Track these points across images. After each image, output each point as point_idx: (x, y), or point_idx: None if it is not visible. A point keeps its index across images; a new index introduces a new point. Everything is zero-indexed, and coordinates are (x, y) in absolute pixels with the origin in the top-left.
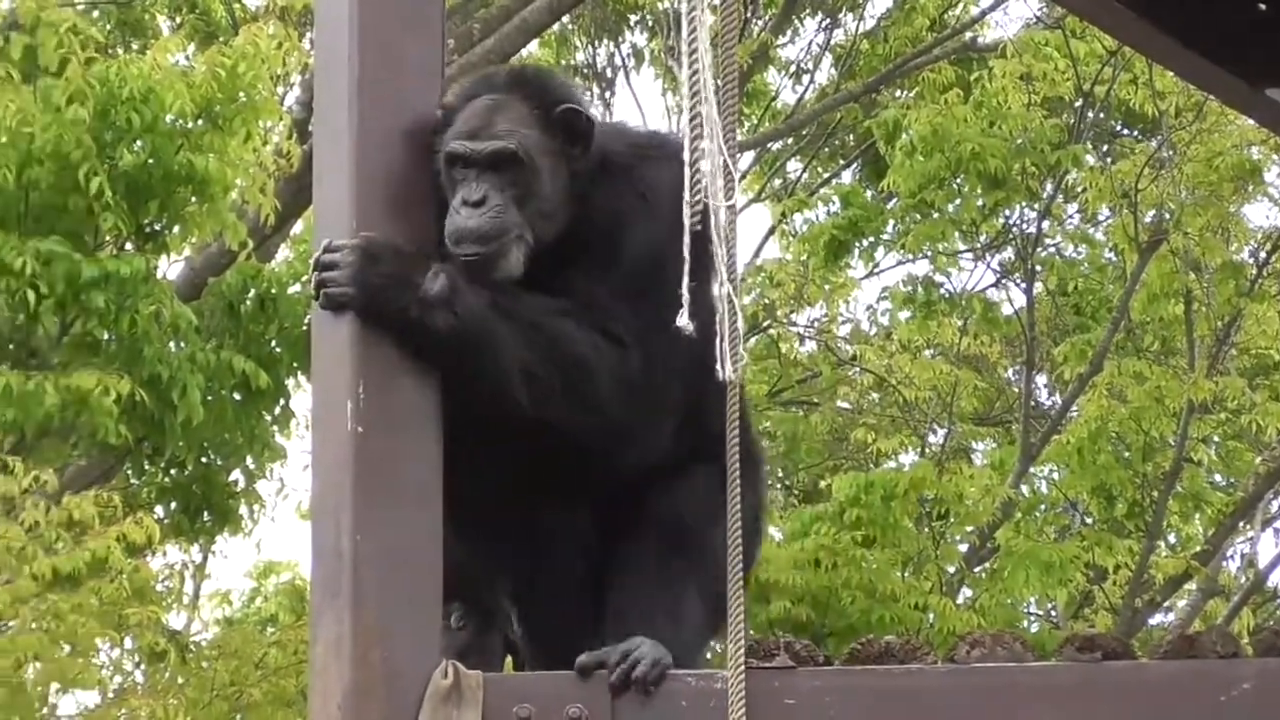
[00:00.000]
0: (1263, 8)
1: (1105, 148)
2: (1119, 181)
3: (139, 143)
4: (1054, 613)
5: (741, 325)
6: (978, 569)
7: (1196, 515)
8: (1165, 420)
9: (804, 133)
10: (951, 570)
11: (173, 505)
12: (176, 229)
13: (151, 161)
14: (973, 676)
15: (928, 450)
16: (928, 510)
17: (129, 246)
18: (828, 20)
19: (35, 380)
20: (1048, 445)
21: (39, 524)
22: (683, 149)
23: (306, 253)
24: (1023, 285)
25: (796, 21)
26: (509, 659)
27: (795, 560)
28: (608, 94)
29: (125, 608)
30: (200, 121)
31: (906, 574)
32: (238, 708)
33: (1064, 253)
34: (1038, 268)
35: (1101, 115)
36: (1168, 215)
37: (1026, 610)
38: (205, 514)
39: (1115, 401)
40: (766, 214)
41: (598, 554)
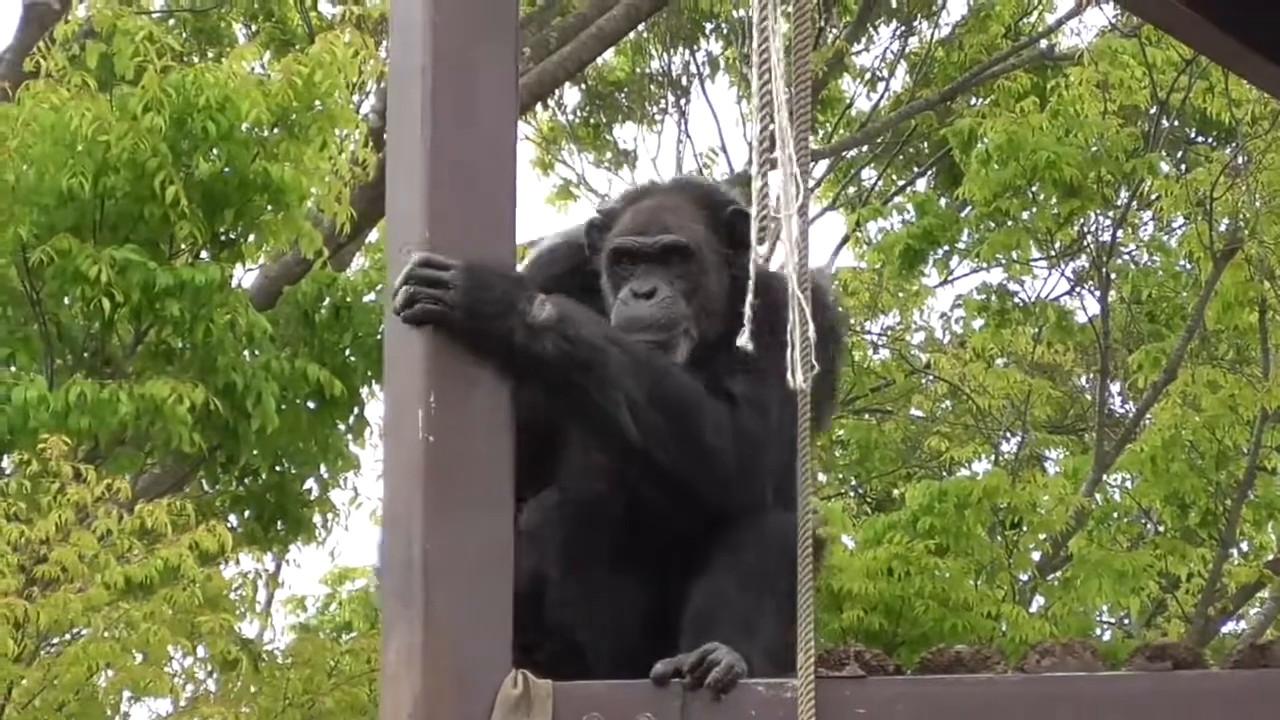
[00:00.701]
0: None
1: (1180, 155)
2: (1194, 190)
3: (215, 151)
4: (1127, 621)
5: (813, 334)
6: (1051, 577)
7: (1270, 523)
8: (1239, 428)
9: (879, 141)
10: (1024, 579)
11: (246, 513)
12: (252, 237)
13: (227, 170)
14: (1043, 686)
15: (1001, 459)
16: (1001, 519)
17: (204, 255)
18: (903, 28)
19: (110, 388)
20: (1121, 454)
21: (112, 532)
22: (830, 285)
23: (382, 261)
24: (1097, 293)
25: (871, 29)
26: None
27: (868, 569)
28: (683, 102)
29: (198, 616)
30: (276, 130)
31: (979, 583)
32: (310, 716)
33: (1138, 261)
34: (1112, 275)
35: (1177, 123)
36: (1243, 223)
37: (1099, 619)
38: (279, 522)
39: (1189, 410)
40: (841, 222)
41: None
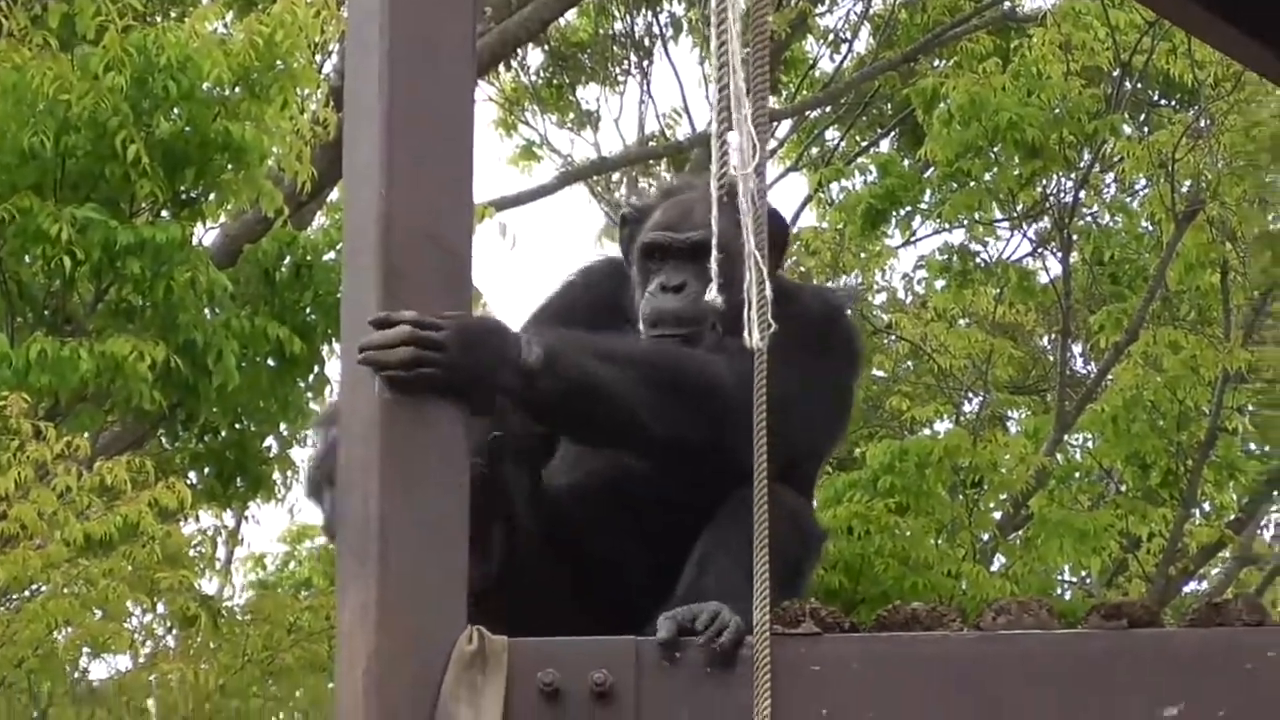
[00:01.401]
0: None
1: (1143, 117)
2: (1156, 151)
3: (176, 110)
4: (1088, 581)
5: (769, 294)
6: (1012, 537)
7: (1231, 484)
8: (1200, 389)
9: (842, 101)
10: (985, 538)
11: (206, 471)
12: (213, 196)
13: (188, 129)
14: (998, 644)
15: (962, 418)
16: (962, 478)
17: (165, 214)
18: None
19: (70, 346)
20: (1082, 414)
21: (71, 489)
22: (848, 304)
23: (342, 222)
24: (1059, 254)
25: None
26: None
27: (829, 527)
28: (645, 63)
29: (157, 572)
30: (237, 89)
31: (940, 542)
32: (269, 672)
33: (1100, 222)
34: (1074, 237)
35: (1140, 85)
36: (1205, 185)
37: (1061, 579)
38: (238, 480)
39: (1150, 370)
40: (804, 183)
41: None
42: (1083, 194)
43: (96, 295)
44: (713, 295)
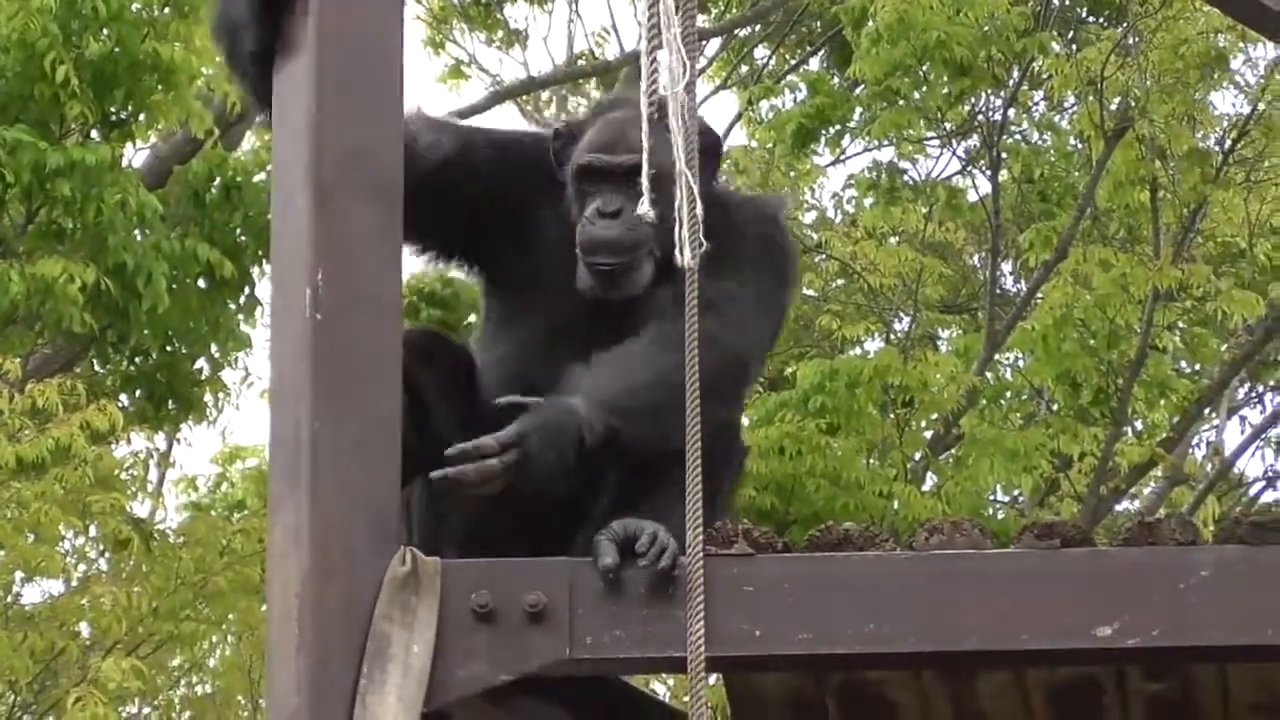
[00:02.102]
0: None
1: (1071, 35)
2: (1085, 69)
3: (105, 31)
4: (1020, 500)
5: (700, 212)
6: (943, 456)
7: (1162, 402)
8: (1130, 308)
9: (770, 20)
10: (917, 458)
11: (137, 393)
12: (142, 117)
13: (117, 50)
14: (931, 563)
15: (893, 337)
16: (892, 398)
17: (95, 135)
18: None
19: (0, 268)
20: (1013, 332)
21: (2, 412)
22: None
23: (272, 142)
24: (988, 173)
25: None
26: None
27: (759, 448)
28: None
29: (89, 495)
30: (166, 10)
31: (871, 462)
32: (202, 595)
33: (1029, 140)
34: (1003, 155)
35: (1067, 2)
36: (1133, 103)
37: (992, 498)
38: (170, 402)
39: (1080, 288)
40: (734, 101)
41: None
42: (1011, 112)
43: (26, 217)
44: (645, 209)
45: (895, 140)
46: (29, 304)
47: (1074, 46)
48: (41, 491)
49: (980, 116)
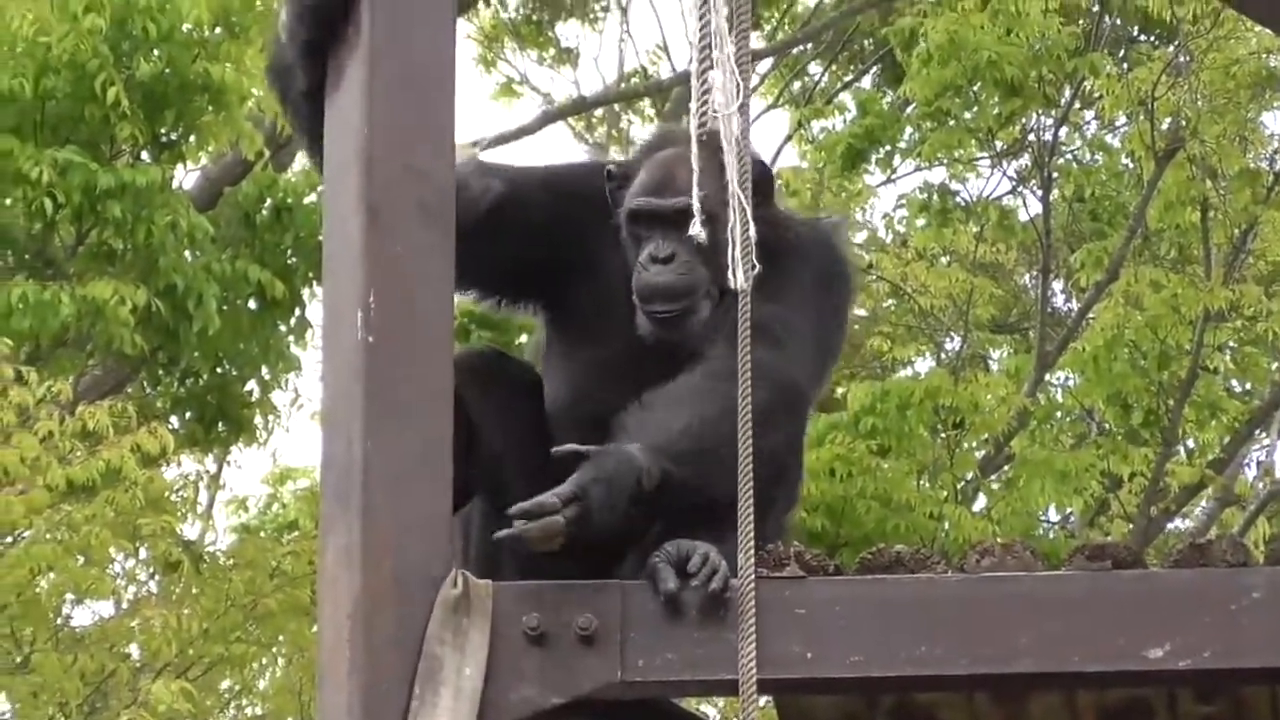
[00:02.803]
0: None
1: (1122, 54)
2: (1136, 89)
3: (155, 52)
4: (1070, 521)
5: (753, 233)
6: (993, 478)
7: (1212, 423)
8: (1181, 328)
9: (822, 39)
10: (967, 479)
11: (187, 415)
12: (192, 138)
13: (168, 71)
14: (982, 586)
15: (943, 358)
16: (943, 419)
17: (145, 156)
18: None
19: (51, 290)
20: (1064, 353)
21: (53, 434)
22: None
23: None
24: (1039, 192)
25: None
26: None
27: (810, 469)
28: (624, 1)
29: (139, 518)
30: (217, 30)
31: (922, 483)
32: (253, 617)
33: (1081, 160)
34: (1054, 175)
35: (1119, 22)
36: (1185, 123)
37: (1043, 519)
38: (220, 424)
39: (1131, 309)
40: (785, 120)
41: None
42: (1063, 132)
43: (77, 238)
44: (696, 230)
45: (946, 160)
46: (79, 326)
47: (1125, 66)
48: (92, 514)
49: (1031, 136)
